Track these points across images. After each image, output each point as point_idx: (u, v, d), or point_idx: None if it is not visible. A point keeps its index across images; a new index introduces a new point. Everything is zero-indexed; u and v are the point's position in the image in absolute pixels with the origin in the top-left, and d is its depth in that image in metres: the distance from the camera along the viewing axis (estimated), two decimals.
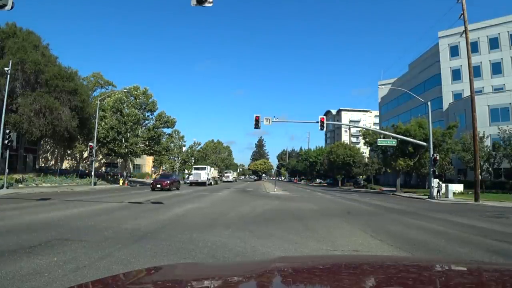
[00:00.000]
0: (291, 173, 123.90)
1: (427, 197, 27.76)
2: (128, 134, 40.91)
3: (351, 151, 62.98)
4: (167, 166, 73.54)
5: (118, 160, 50.21)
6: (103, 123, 38.92)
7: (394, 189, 39.30)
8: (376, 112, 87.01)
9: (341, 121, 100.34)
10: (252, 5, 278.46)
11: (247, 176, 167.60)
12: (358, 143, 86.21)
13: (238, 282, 1.54)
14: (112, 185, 36.25)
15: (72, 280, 4.21)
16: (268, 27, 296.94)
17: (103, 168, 57.96)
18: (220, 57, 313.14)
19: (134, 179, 54.39)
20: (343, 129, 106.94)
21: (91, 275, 4.41)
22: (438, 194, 26.68)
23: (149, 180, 60.03)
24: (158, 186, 28.44)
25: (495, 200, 23.95)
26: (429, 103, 29.80)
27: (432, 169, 27.48)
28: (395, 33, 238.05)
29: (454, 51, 48.22)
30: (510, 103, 39.70)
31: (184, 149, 68.80)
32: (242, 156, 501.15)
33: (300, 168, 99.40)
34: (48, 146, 48.70)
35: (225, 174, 75.19)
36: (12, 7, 10.40)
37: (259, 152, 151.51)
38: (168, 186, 28.65)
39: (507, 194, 28.97)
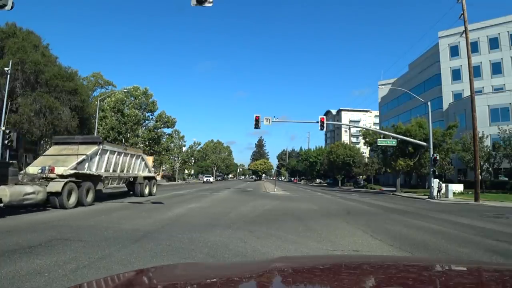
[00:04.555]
0: (291, 173, 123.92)
1: (427, 197, 27.75)
2: (129, 134, 40.92)
3: (351, 151, 63.00)
4: (167, 166, 73.51)
5: None
6: (103, 123, 38.94)
7: (394, 189, 39.31)
8: (376, 112, 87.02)
9: (341, 121, 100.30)
10: (252, 6, 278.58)
11: (247, 176, 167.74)
12: (358, 143, 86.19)
13: (238, 282, 1.54)
14: None
15: (72, 280, 4.21)
16: (269, 28, 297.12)
17: None
18: (220, 57, 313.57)
19: None
20: (343, 129, 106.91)
21: (91, 275, 4.41)
22: (438, 194, 26.69)
23: None
24: None
25: (495, 200, 23.95)
26: (429, 103, 29.81)
27: (432, 169, 27.49)
28: (395, 33, 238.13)
29: (454, 51, 48.22)
30: (510, 103, 39.71)
31: (184, 149, 68.71)
32: (242, 156, 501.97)
33: (300, 168, 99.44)
34: (48, 146, 48.65)
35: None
36: (12, 7, 10.40)
37: (259, 152, 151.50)
38: None
39: (507, 194, 28.96)
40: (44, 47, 32.09)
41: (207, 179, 67.95)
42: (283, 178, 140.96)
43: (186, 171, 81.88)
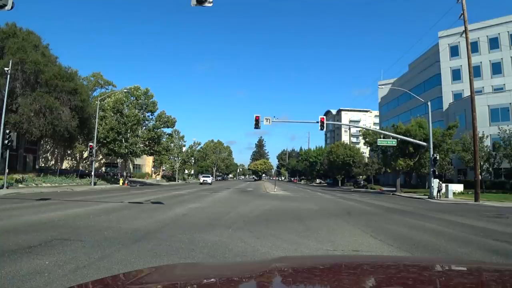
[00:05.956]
0: (291, 173, 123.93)
1: (427, 197, 27.76)
2: (128, 134, 40.90)
3: (351, 151, 63.01)
4: (167, 166, 73.53)
5: (118, 160, 50.21)
6: (103, 123, 38.91)
7: (394, 189, 39.30)
8: (376, 112, 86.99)
9: (341, 121, 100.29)
10: (252, 5, 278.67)
11: (247, 176, 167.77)
12: (358, 143, 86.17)
13: (238, 282, 1.54)
14: (112, 185, 36.25)
15: (72, 280, 4.21)
16: (269, 27, 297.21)
17: (103, 168, 57.98)
18: (220, 57, 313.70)
19: (134, 179, 54.39)
20: (343, 129, 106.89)
21: (91, 275, 4.41)
22: (438, 194, 26.69)
23: (149, 180, 59.97)
24: None
25: (495, 200, 23.94)
26: (429, 103, 29.81)
27: (432, 169, 27.49)
28: (395, 33, 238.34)
29: (454, 51, 48.21)
30: (510, 103, 39.71)
31: (184, 149, 68.71)
32: (242, 156, 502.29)
33: (300, 168, 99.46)
34: (48, 146, 48.69)
35: None
36: (12, 7, 10.39)
37: (259, 152, 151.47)
38: None
39: (507, 194, 28.95)
40: (44, 47, 32.12)
41: (204, 180, 53.69)
42: (283, 178, 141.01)
43: (186, 171, 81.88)
